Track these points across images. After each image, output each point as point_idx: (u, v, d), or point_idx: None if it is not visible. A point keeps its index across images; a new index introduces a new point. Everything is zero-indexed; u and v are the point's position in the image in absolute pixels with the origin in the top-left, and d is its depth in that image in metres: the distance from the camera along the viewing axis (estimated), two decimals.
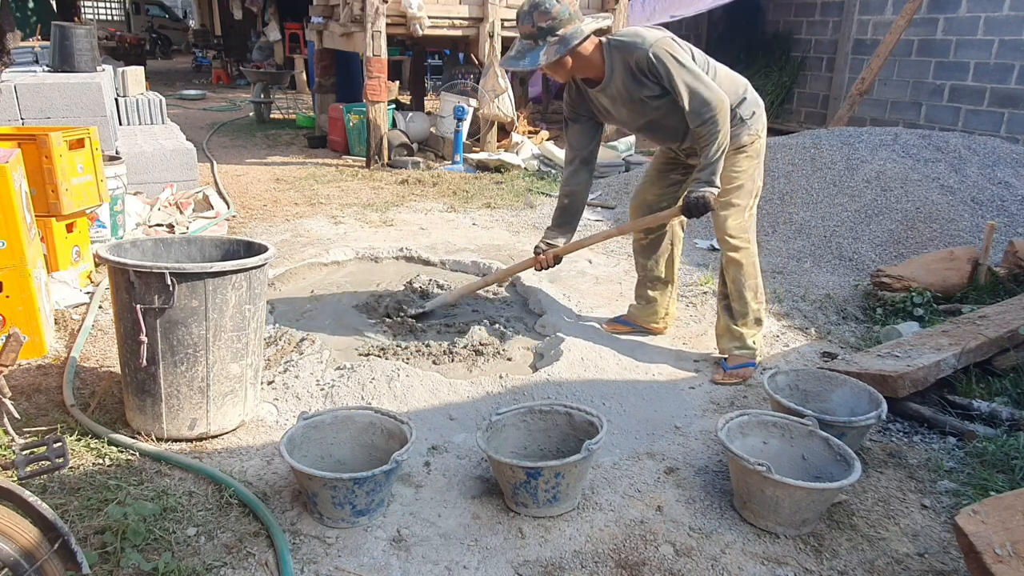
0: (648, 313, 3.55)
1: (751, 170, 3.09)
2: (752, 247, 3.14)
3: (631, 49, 2.82)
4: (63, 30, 5.62)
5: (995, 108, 7.56)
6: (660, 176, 3.36)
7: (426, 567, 2.03)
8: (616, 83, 2.91)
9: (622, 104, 2.98)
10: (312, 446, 2.34)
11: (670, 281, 3.51)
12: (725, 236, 3.10)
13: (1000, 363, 2.94)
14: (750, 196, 3.11)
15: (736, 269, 3.13)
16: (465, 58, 10.05)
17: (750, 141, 3.07)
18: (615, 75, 2.90)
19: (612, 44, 2.88)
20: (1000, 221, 4.50)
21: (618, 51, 2.86)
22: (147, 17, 25.25)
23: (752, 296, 3.15)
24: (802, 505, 2.13)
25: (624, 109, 2.99)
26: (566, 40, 2.78)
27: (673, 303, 3.59)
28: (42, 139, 3.60)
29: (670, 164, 3.32)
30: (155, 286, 2.35)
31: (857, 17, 8.97)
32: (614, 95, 2.96)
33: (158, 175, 5.57)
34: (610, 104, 3.01)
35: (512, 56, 2.88)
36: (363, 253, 4.58)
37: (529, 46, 2.83)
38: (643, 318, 3.58)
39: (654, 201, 3.36)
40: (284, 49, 15.59)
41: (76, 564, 1.51)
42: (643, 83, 2.86)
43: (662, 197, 3.34)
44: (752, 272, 3.15)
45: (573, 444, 2.39)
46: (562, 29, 2.78)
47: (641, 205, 3.40)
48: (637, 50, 2.80)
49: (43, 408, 2.71)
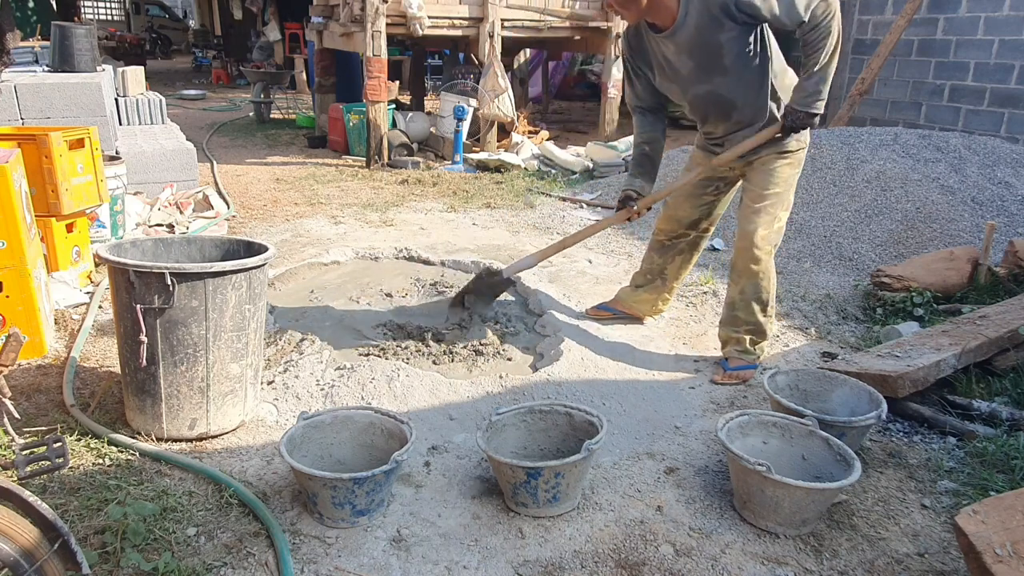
0: (636, 299, 3.57)
1: (791, 179, 3.00)
2: (771, 262, 3.03)
3: None
4: (63, 30, 5.63)
5: (995, 108, 7.55)
6: (695, 195, 3.25)
7: (426, 567, 2.03)
8: (688, 28, 2.71)
9: (688, 55, 2.77)
10: (312, 446, 2.34)
11: (673, 284, 3.52)
12: (751, 245, 2.96)
13: (1000, 363, 2.94)
14: (784, 208, 3.00)
15: (749, 281, 3.03)
16: (465, 58, 10.05)
17: (797, 148, 2.97)
18: (688, 19, 2.69)
19: None
20: (1000, 221, 4.50)
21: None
22: (147, 17, 25.25)
23: (759, 309, 3.08)
24: (802, 505, 2.13)
25: (691, 62, 2.79)
26: None
27: (666, 302, 3.61)
28: (42, 139, 3.60)
29: (705, 182, 3.20)
30: (155, 286, 2.35)
31: (857, 17, 8.96)
32: (682, 42, 2.75)
33: (158, 175, 5.57)
34: (675, 54, 2.80)
35: None
36: (363, 253, 4.58)
37: None
38: (630, 303, 3.58)
39: (686, 216, 3.29)
40: (284, 49, 15.61)
41: (76, 564, 1.50)
42: (723, 24, 2.66)
43: (696, 211, 3.29)
44: (767, 287, 3.05)
45: (573, 444, 2.39)
46: None
47: (672, 218, 3.32)
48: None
49: (43, 408, 2.71)
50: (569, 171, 7.18)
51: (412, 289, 4.04)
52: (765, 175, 2.96)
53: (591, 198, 6.27)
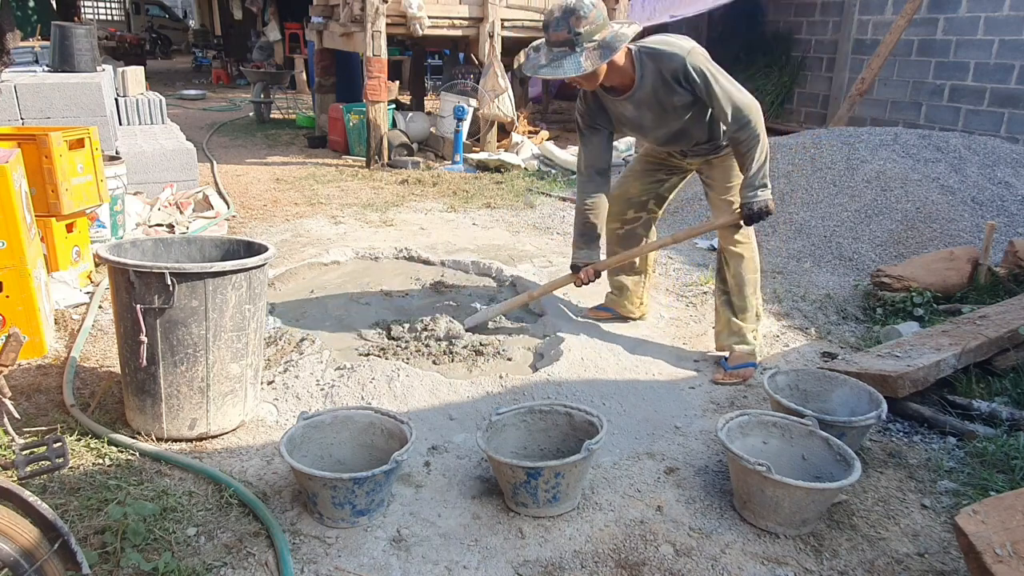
0: (623, 301, 3.65)
1: None
2: (753, 242, 3.19)
3: (667, 58, 2.79)
4: (63, 30, 5.63)
5: (995, 108, 7.55)
6: (645, 173, 3.40)
7: (426, 567, 2.03)
8: (646, 91, 2.88)
9: (648, 111, 2.95)
10: (312, 446, 2.34)
11: (643, 271, 3.59)
12: (733, 235, 3.13)
13: (1000, 363, 2.94)
14: None
15: (738, 263, 3.16)
16: (465, 58, 10.04)
17: None
18: (645, 83, 2.86)
19: (644, 52, 2.84)
20: (1000, 221, 4.50)
21: (651, 59, 2.83)
22: (147, 17, 25.26)
23: (752, 291, 3.19)
24: (802, 505, 2.13)
25: (650, 115, 2.96)
26: (609, 45, 2.69)
27: (647, 292, 3.67)
28: (42, 139, 3.60)
29: (658, 164, 3.36)
30: (155, 286, 2.35)
31: (857, 17, 8.96)
32: (641, 102, 2.92)
33: (158, 175, 5.57)
34: (634, 112, 2.98)
35: (544, 65, 2.75)
36: (363, 253, 4.59)
37: (563, 53, 2.71)
38: (619, 306, 3.67)
39: (636, 195, 3.41)
40: (284, 49, 15.60)
41: (76, 564, 1.50)
42: (675, 91, 2.84)
43: (645, 192, 3.40)
44: (753, 266, 3.18)
45: (573, 444, 2.39)
46: (599, 34, 2.70)
47: (622, 197, 3.42)
48: (674, 59, 2.78)
49: (43, 408, 2.71)
50: (569, 171, 7.18)
51: (412, 289, 4.04)
52: (726, 170, 3.15)
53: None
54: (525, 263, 4.56)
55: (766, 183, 2.92)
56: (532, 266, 4.49)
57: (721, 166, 3.16)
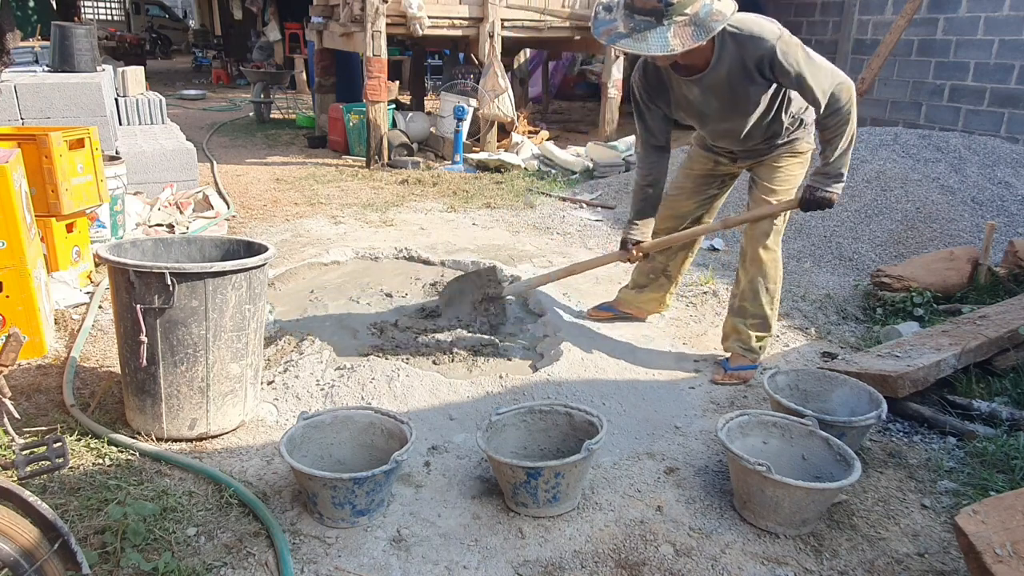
0: (641, 300, 3.59)
1: (799, 178, 3.05)
2: (777, 253, 3.08)
3: (755, 43, 2.56)
4: (63, 30, 5.63)
5: (995, 108, 7.55)
6: (697, 190, 3.26)
7: (426, 567, 2.03)
8: (719, 74, 2.66)
9: (715, 98, 2.75)
10: (312, 446, 2.34)
11: (674, 279, 3.54)
12: (763, 234, 3.02)
13: (1000, 363, 2.94)
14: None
15: (758, 269, 3.07)
16: (465, 58, 10.05)
17: (807, 149, 3.04)
18: (721, 66, 2.64)
19: (728, 33, 2.58)
20: (1000, 221, 4.50)
21: (735, 41, 2.59)
22: (147, 17, 25.26)
23: (767, 300, 3.10)
24: (802, 505, 2.13)
25: (716, 103, 2.77)
26: (703, 24, 2.39)
27: (669, 297, 3.62)
28: (42, 139, 3.60)
29: (708, 177, 3.23)
30: (155, 286, 2.35)
31: (857, 17, 8.96)
32: (711, 86, 2.71)
33: (158, 175, 5.57)
34: (700, 96, 2.77)
35: (625, 35, 2.41)
36: (363, 253, 4.58)
37: (647, 23, 2.39)
38: (635, 304, 3.60)
39: (689, 212, 3.29)
40: (284, 49, 15.60)
41: (76, 564, 1.50)
42: (754, 80, 2.65)
43: (698, 208, 3.30)
44: (774, 276, 3.09)
45: (573, 444, 2.39)
46: (691, 7, 2.38)
47: (674, 216, 3.30)
48: (762, 44, 2.55)
49: (43, 408, 2.71)
50: (569, 171, 7.18)
51: (412, 289, 4.04)
52: (775, 171, 3.01)
53: (591, 198, 6.27)
54: (525, 263, 4.56)
55: (842, 173, 2.72)
56: (532, 266, 4.49)
57: (771, 166, 3.01)
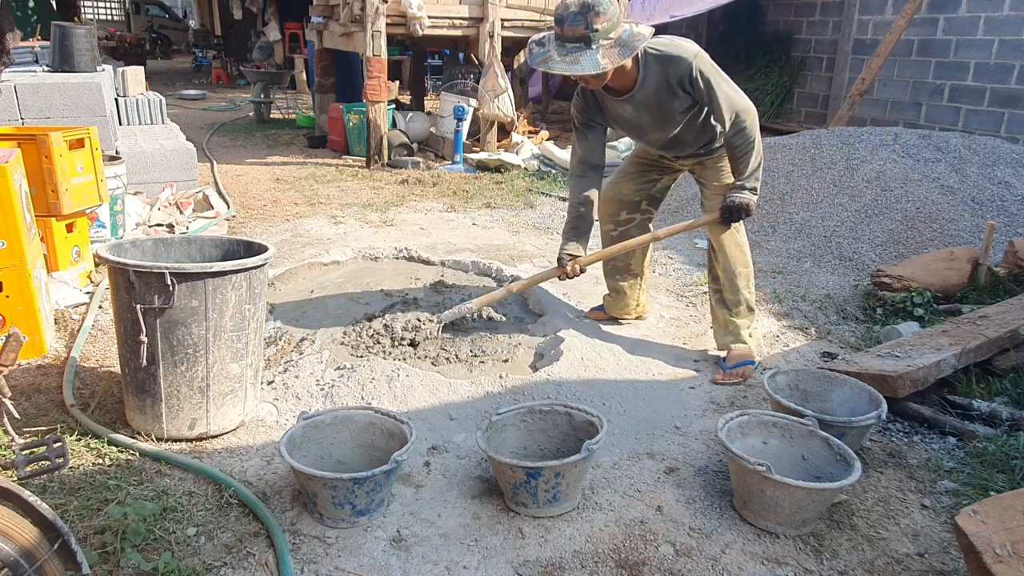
0: (620, 305, 3.63)
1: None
2: (740, 236, 3.19)
3: (673, 62, 2.79)
4: (63, 30, 5.62)
5: (995, 108, 7.55)
6: (638, 173, 3.40)
7: (426, 567, 2.03)
8: (647, 93, 2.87)
9: (647, 113, 2.95)
10: (312, 446, 2.34)
11: (639, 274, 3.57)
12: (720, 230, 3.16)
13: (1000, 363, 2.94)
14: None
15: (725, 256, 3.17)
16: (465, 58, 10.04)
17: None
18: (647, 85, 2.86)
19: (650, 54, 2.82)
20: (1000, 221, 4.50)
21: (657, 62, 2.82)
22: (147, 17, 25.26)
23: (744, 284, 3.19)
24: (802, 505, 2.13)
25: (648, 117, 2.97)
26: (627, 44, 2.65)
27: (644, 294, 3.65)
28: (42, 139, 3.60)
29: (649, 164, 3.37)
30: (155, 286, 2.35)
31: (857, 17, 8.96)
32: (640, 104, 2.92)
33: (158, 175, 5.57)
34: (632, 112, 2.97)
35: (557, 61, 2.67)
36: (363, 253, 4.59)
37: (577, 48, 2.65)
38: (616, 310, 3.65)
39: (628, 196, 3.41)
40: (284, 49, 15.60)
41: (76, 564, 1.50)
42: (677, 95, 2.85)
43: (637, 192, 3.40)
44: (744, 260, 3.19)
45: (573, 444, 2.39)
46: (614, 32, 2.66)
47: (615, 198, 3.42)
48: (681, 63, 2.78)
49: (43, 408, 2.71)
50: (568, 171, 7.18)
51: (412, 289, 4.04)
52: (717, 171, 3.18)
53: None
54: (525, 263, 4.56)
55: (756, 187, 2.97)
56: (532, 266, 4.49)
57: (714, 167, 3.17)
